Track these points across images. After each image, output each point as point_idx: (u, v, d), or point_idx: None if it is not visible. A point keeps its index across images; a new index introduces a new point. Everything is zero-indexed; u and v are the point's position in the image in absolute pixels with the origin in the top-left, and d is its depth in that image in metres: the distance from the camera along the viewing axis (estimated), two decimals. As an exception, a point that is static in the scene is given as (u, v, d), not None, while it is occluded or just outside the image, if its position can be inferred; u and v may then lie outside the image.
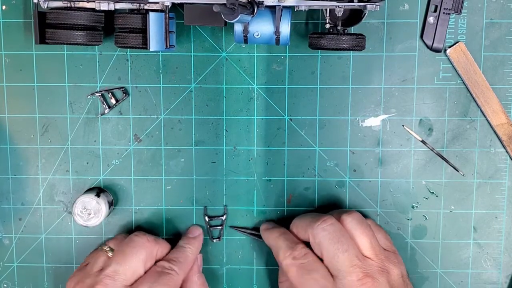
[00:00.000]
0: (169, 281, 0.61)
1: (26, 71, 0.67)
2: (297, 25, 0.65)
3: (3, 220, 0.69)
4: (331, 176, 0.67)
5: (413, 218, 0.68)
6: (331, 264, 0.59)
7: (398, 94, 0.66)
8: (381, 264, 0.59)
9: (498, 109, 0.66)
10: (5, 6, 0.66)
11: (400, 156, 0.67)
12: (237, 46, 0.66)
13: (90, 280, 0.61)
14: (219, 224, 0.68)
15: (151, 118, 0.67)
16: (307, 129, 0.67)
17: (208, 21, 0.59)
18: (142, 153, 0.68)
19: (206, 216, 0.68)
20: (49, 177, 0.68)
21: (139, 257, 0.62)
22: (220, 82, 0.66)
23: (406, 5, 0.65)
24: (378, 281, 0.58)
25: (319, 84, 0.66)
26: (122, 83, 0.66)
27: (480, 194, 0.67)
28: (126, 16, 0.60)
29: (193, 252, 0.66)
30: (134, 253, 0.62)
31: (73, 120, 0.67)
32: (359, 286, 0.58)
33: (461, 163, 0.67)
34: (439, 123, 0.66)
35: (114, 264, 0.61)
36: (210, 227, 0.68)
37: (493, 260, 0.68)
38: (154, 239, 0.64)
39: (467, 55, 0.65)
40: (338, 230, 0.60)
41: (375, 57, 0.66)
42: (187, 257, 0.65)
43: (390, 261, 0.60)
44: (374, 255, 0.60)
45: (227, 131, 0.67)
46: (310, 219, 0.62)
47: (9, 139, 0.68)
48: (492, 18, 0.65)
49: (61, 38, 0.60)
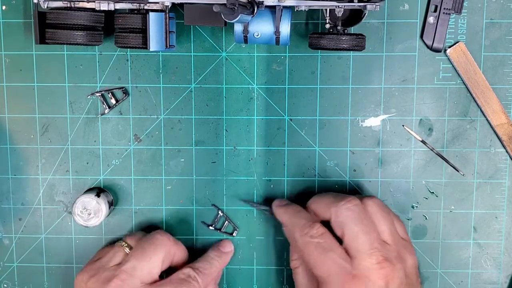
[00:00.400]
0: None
1: (26, 71, 0.67)
2: (297, 25, 0.65)
3: (3, 220, 0.69)
4: (331, 176, 0.67)
5: (413, 218, 0.68)
6: (351, 245, 0.58)
7: (398, 94, 0.66)
8: (399, 251, 0.59)
9: (498, 109, 0.66)
10: (5, 6, 0.66)
11: (400, 156, 0.67)
12: (237, 46, 0.66)
13: (107, 274, 0.60)
14: (221, 226, 0.68)
15: (151, 118, 0.67)
16: (307, 129, 0.67)
17: (208, 21, 0.59)
18: (142, 153, 0.68)
19: (210, 226, 0.68)
20: (49, 177, 0.68)
21: (158, 256, 0.62)
22: (220, 82, 0.66)
23: (406, 5, 0.65)
24: (396, 267, 0.58)
25: (319, 84, 0.66)
26: (122, 83, 0.66)
27: (480, 194, 0.67)
28: (126, 16, 0.60)
29: (220, 266, 0.65)
30: (154, 251, 0.62)
31: (73, 120, 0.67)
32: (377, 269, 0.57)
33: (461, 163, 0.67)
34: (439, 123, 0.66)
35: (133, 259, 0.61)
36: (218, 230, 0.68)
37: (493, 260, 0.68)
38: (174, 240, 0.64)
39: (467, 55, 0.65)
40: (362, 211, 0.60)
41: (375, 57, 0.66)
42: (212, 270, 0.64)
43: (407, 250, 0.60)
44: (392, 242, 0.60)
45: (227, 131, 0.67)
46: (333, 198, 0.61)
47: (9, 139, 0.68)
48: (492, 18, 0.65)
49: (61, 38, 0.60)
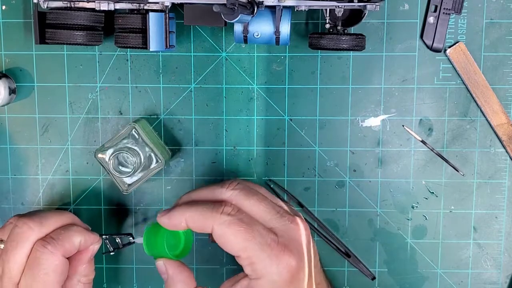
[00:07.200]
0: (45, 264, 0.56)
1: (26, 71, 0.67)
2: (297, 25, 0.65)
3: (3, 220, 0.68)
4: (331, 176, 0.67)
5: (413, 218, 0.68)
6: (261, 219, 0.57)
7: (398, 94, 0.66)
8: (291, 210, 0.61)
9: (498, 109, 0.66)
10: (5, 6, 0.66)
11: (400, 156, 0.67)
12: (237, 46, 0.66)
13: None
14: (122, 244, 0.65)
15: (151, 118, 0.67)
16: (307, 129, 0.67)
17: (208, 21, 0.59)
18: (142, 153, 0.68)
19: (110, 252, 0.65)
20: (49, 177, 0.68)
21: (22, 252, 0.56)
22: (220, 82, 0.66)
23: (406, 5, 0.65)
24: (302, 219, 0.58)
25: (319, 84, 0.66)
26: (122, 83, 0.67)
27: (480, 194, 0.67)
28: (126, 16, 0.60)
29: (78, 232, 0.59)
30: (15, 248, 0.56)
31: (73, 120, 0.67)
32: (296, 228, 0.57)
33: (461, 163, 0.67)
34: (439, 123, 0.66)
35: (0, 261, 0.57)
36: None
37: (493, 260, 0.68)
38: (39, 222, 0.58)
39: (467, 55, 0.65)
40: (246, 187, 0.58)
41: (375, 57, 0.66)
42: (70, 237, 0.58)
43: None
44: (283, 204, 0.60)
45: (227, 131, 0.67)
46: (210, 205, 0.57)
47: (9, 139, 0.68)
48: (492, 18, 0.65)
49: (61, 38, 0.60)
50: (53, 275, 0.56)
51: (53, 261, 0.56)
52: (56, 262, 0.56)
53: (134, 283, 0.69)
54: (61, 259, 0.57)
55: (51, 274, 0.56)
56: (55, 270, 0.56)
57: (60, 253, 0.57)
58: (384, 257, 0.68)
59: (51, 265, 0.56)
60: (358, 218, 0.68)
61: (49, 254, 0.56)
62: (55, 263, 0.56)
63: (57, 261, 0.56)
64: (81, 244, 0.59)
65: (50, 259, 0.56)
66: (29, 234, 0.57)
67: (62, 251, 0.57)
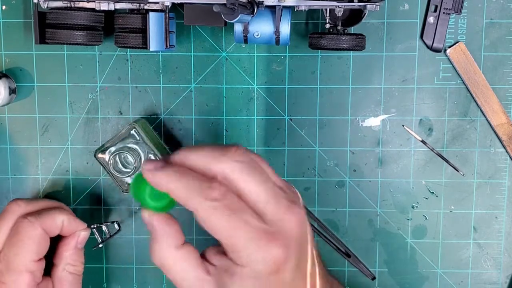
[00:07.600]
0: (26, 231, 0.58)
1: (26, 71, 0.67)
2: (297, 25, 0.65)
3: (3, 220, 0.69)
4: (331, 176, 0.67)
5: (413, 218, 0.68)
6: (256, 199, 0.50)
7: (398, 94, 0.66)
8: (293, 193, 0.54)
9: (498, 109, 0.66)
10: (5, 6, 0.66)
11: (400, 156, 0.67)
12: (237, 46, 0.66)
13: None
14: (107, 236, 0.67)
15: (151, 118, 0.67)
16: (307, 129, 0.67)
17: (208, 21, 0.59)
18: (142, 153, 0.68)
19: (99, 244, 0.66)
20: (49, 177, 0.68)
21: (6, 224, 0.60)
22: (220, 82, 0.66)
23: (406, 5, 0.65)
24: (302, 208, 0.53)
25: (319, 84, 0.66)
26: (122, 83, 0.67)
27: (480, 194, 0.67)
28: (126, 16, 0.60)
29: (61, 212, 0.61)
30: (1, 221, 0.60)
31: (73, 120, 0.67)
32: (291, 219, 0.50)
33: (461, 163, 0.67)
34: (439, 123, 0.66)
35: None
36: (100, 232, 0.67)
37: (493, 260, 0.68)
38: (27, 201, 0.62)
39: (467, 55, 0.65)
40: (252, 159, 0.51)
41: (375, 57, 0.66)
42: (52, 214, 0.61)
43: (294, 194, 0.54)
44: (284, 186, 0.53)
45: (227, 131, 0.67)
46: (213, 152, 0.50)
47: (9, 139, 0.68)
48: (492, 18, 0.65)
49: (61, 38, 0.60)
50: (28, 242, 0.58)
51: (30, 230, 0.58)
52: (33, 232, 0.59)
53: (134, 283, 0.69)
54: (40, 230, 0.59)
55: (27, 241, 0.58)
56: (31, 238, 0.58)
57: (38, 224, 0.59)
58: (384, 257, 0.68)
59: (28, 233, 0.58)
60: (358, 218, 0.68)
61: (28, 223, 0.58)
62: (32, 232, 0.58)
63: (35, 231, 0.59)
64: (65, 225, 0.61)
65: (27, 227, 0.58)
66: (15, 209, 0.60)
67: (41, 224, 0.59)
